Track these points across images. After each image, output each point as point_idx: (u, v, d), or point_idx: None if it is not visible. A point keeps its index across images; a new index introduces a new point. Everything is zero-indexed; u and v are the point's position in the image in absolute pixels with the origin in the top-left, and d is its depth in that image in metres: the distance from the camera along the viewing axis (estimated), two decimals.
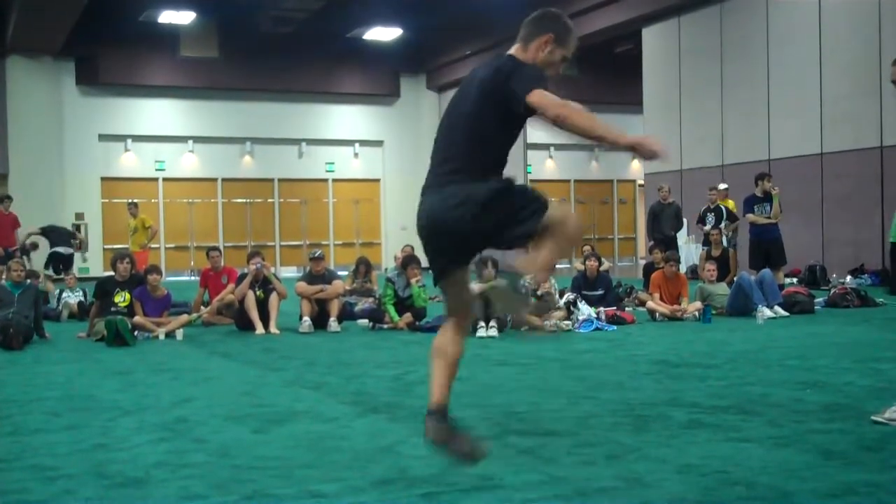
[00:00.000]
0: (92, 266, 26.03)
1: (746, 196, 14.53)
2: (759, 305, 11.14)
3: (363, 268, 14.08)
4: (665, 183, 17.25)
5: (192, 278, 24.29)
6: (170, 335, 10.46)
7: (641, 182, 26.70)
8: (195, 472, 4.27)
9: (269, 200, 29.27)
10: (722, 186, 17.25)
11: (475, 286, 10.33)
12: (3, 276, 11.70)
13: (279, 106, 28.69)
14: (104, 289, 10.87)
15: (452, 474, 4.09)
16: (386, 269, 20.21)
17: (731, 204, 16.71)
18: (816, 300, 12.35)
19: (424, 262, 4.57)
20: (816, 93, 17.92)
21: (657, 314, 11.44)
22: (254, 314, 11.04)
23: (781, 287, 12.61)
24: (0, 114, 25.36)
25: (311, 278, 11.50)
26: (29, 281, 11.28)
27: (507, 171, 4.13)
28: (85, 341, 10.44)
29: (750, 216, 14.32)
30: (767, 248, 13.98)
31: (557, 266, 4.27)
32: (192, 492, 3.93)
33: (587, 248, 14.55)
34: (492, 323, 10.07)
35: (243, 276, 11.49)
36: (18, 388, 7.00)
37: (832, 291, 13.01)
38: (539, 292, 10.84)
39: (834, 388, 6.19)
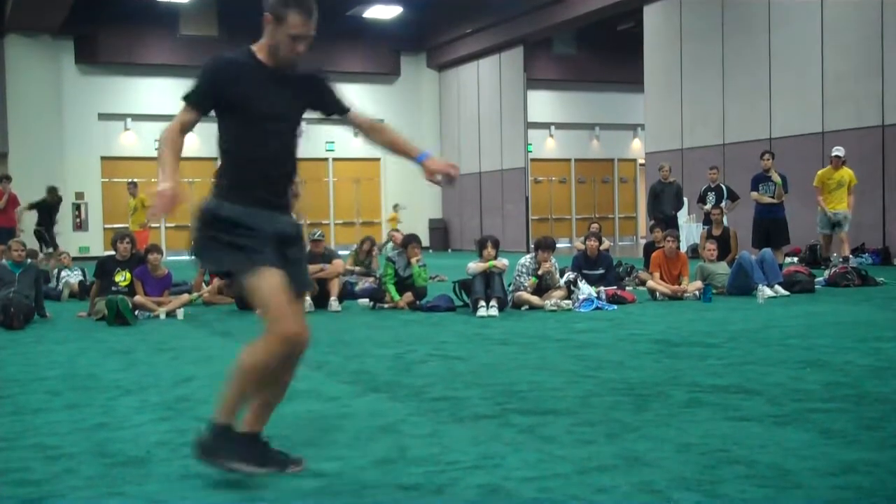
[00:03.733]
0: (92, 245, 26.04)
1: (754, 174, 14.51)
2: (760, 285, 11.13)
3: (368, 244, 14.09)
4: (666, 162, 17.22)
5: (193, 258, 24.28)
6: (171, 315, 10.47)
7: (642, 161, 26.66)
8: None
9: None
10: (837, 152, 14.97)
11: (477, 265, 10.36)
12: (4, 256, 11.70)
13: None
14: (105, 268, 10.87)
15: (453, 453, 4.10)
16: (382, 249, 20.21)
17: (850, 173, 14.87)
18: (817, 279, 12.35)
19: (425, 241, 4.55)
20: (818, 71, 17.86)
21: (657, 293, 11.45)
22: None
23: (782, 266, 12.61)
24: None
25: (311, 258, 11.49)
26: (29, 260, 11.29)
27: (508, 151, 4.16)
28: (86, 321, 10.46)
29: (753, 194, 14.30)
30: (768, 227, 13.97)
31: None
32: (193, 471, 3.94)
33: (595, 225, 14.51)
34: (492, 302, 10.07)
35: None
36: (19, 368, 7.02)
37: (833, 271, 13.00)
38: (540, 271, 10.85)
39: (834, 367, 6.20)
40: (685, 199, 17.18)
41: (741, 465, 3.80)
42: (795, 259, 15.95)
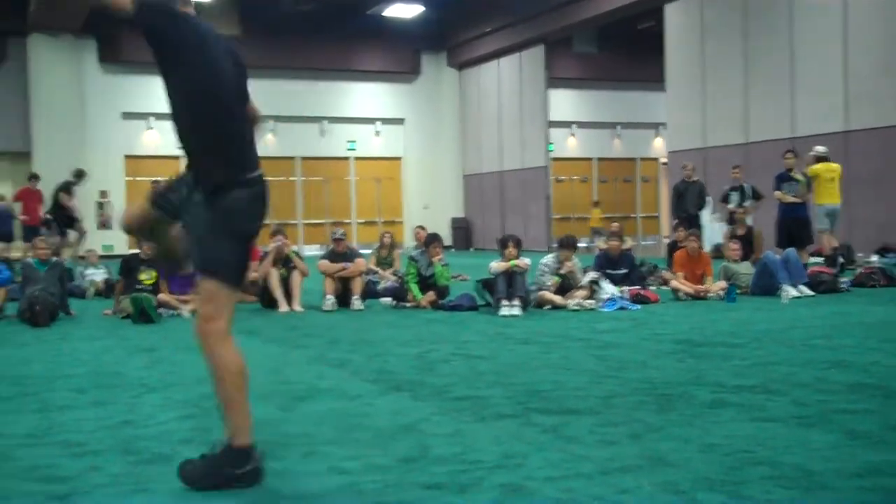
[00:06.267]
0: (116, 244, 26.18)
1: (778, 173, 14.43)
2: (784, 285, 11.07)
3: (388, 238, 14.13)
4: (689, 161, 17.14)
5: None
6: (195, 313, 10.50)
7: (664, 160, 26.57)
8: None
9: (292, 179, 29.32)
10: (820, 149, 15.05)
11: (499, 264, 10.35)
12: (29, 253, 11.80)
13: (300, 84, 28.72)
14: (129, 266, 10.94)
15: (475, 452, 4.10)
16: (407, 248, 20.26)
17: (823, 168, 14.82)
18: (842, 280, 12.26)
19: (447, 240, 4.53)
20: (841, 70, 17.74)
21: (681, 293, 11.40)
22: (277, 292, 11.08)
23: (806, 266, 12.54)
24: (23, 92, 25.52)
25: (333, 256, 11.53)
26: (55, 258, 11.37)
27: (529, 150, 4.10)
28: (111, 318, 10.52)
29: (777, 193, 14.21)
30: (791, 227, 13.88)
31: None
32: None
33: (615, 225, 14.46)
34: (515, 302, 10.06)
35: (266, 255, 11.54)
36: (45, 365, 7.07)
37: (858, 271, 12.90)
38: (562, 271, 10.83)
39: (859, 367, 6.16)
40: (709, 199, 17.09)
41: (765, 466, 3.78)
42: (821, 259, 15.82)
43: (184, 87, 3.73)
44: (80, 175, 19.50)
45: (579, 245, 13.05)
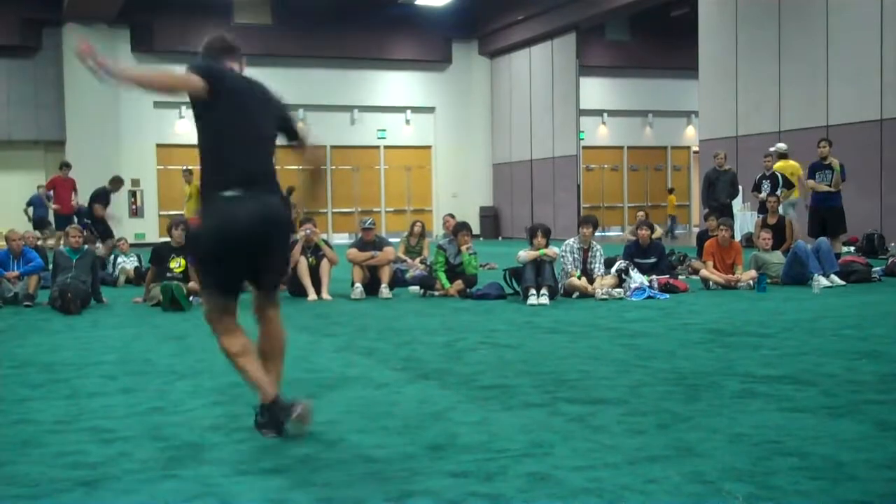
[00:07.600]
0: (148, 232, 26.40)
1: (811, 162, 14.31)
2: (815, 274, 10.98)
3: (419, 226, 14.12)
4: (721, 149, 17.01)
5: None
6: None
7: (696, 149, 26.39)
8: (249, 435, 4.33)
9: (322, 167, 29.33)
10: (781, 146, 16.35)
11: (527, 253, 10.33)
12: (62, 242, 11.91)
13: (331, 73, 28.74)
14: (159, 254, 11.01)
15: (502, 441, 4.10)
16: (436, 237, 20.24)
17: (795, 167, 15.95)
18: (874, 269, 12.14)
19: (476, 229, 4.58)
20: (877, 58, 17.52)
21: (711, 282, 11.33)
22: (306, 280, 11.12)
23: (838, 256, 12.42)
24: (57, 81, 25.74)
25: (362, 245, 11.55)
26: (86, 246, 11.47)
27: (560, 138, 4.11)
28: (141, 306, 10.60)
29: (810, 182, 14.09)
30: (824, 216, 13.77)
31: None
32: (245, 455, 3.99)
33: (641, 214, 14.39)
34: (543, 291, 10.04)
35: (295, 243, 11.58)
36: (76, 352, 7.14)
37: (890, 260, 12.77)
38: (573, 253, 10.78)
39: (890, 358, 6.10)
40: (740, 188, 16.95)
41: (794, 457, 3.76)
42: (852, 248, 15.69)
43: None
44: (116, 182, 18.83)
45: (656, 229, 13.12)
